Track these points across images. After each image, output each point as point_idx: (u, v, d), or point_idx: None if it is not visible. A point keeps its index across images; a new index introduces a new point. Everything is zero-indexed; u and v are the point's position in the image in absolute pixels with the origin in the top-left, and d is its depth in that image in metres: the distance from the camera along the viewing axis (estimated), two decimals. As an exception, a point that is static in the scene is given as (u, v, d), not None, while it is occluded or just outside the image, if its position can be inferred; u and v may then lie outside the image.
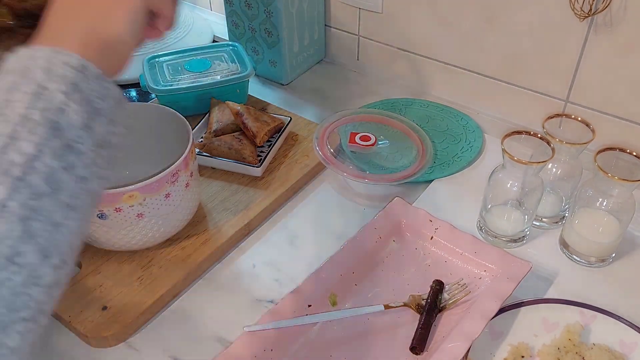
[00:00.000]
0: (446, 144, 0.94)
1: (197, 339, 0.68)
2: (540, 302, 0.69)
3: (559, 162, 0.78)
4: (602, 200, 0.73)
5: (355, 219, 0.80)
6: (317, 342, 0.66)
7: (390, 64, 1.08)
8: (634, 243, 0.78)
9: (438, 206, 0.82)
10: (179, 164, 0.69)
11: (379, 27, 1.05)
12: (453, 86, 1.02)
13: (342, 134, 0.91)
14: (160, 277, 0.72)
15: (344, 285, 0.71)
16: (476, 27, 0.94)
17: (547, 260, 0.76)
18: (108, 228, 0.69)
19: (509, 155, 0.70)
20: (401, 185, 0.86)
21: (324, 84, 1.10)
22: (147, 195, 0.67)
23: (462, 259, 0.74)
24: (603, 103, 0.88)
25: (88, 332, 0.66)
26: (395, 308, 0.69)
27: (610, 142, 0.76)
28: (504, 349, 0.66)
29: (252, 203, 0.82)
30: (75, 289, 0.70)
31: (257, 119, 0.90)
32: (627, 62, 0.82)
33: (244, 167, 0.85)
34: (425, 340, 0.65)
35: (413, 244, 0.77)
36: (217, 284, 0.74)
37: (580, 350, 0.64)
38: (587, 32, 0.84)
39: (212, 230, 0.78)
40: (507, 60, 0.94)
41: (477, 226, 0.80)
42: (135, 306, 0.69)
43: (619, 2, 0.79)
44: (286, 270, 0.75)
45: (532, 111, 0.95)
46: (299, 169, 0.87)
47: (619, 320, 0.67)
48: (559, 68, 0.89)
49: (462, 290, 0.70)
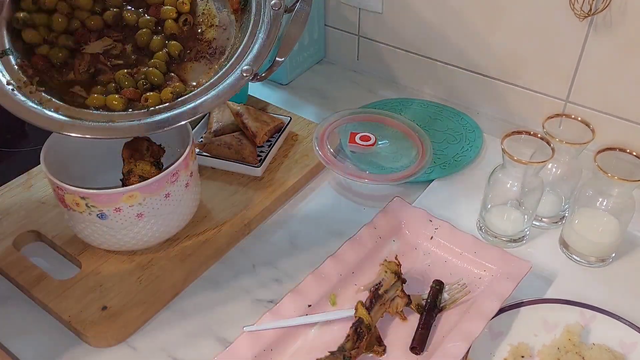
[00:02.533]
0: (446, 144, 0.94)
1: (197, 339, 0.68)
2: (540, 302, 0.69)
3: (559, 162, 0.78)
4: (602, 200, 0.73)
5: (355, 219, 0.80)
6: (317, 342, 0.66)
7: (390, 64, 1.08)
8: (634, 243, 0.78)
9: (438, 206, 0.82)
10: (179, 164, 0.69)
11: (379, 27, 1.05)
12: (453, 86, 1.02)
13: (342, 134, 0.91)
14: (160, 277, 0.72)
15: (344, 285, 0.71)
16: (476, 27, 0.94)
17: (547, 260, 0.76)
18: (108, 228, 0.69)
19: (509, 155, 0.70)
20: (401, 185, 0.86)
21: (324, 84, 1.10)
22: (147, 195, 0.67)
23: (462, 259, 0.74)
24: (603, 103, 0.88)
25: (88, 332, 0.66)
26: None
27: (610, 142, 0.76)
28: (504, 349, 0.66)
29: (252, 203, 0.82)
30: (75, 289, 0.70)
31: (257, 118, 0.90)
32: (627, 62, 0.82)
33: (244, 167, 0.85)
34: (425, 340, 0.65)
35: (413, 244, 0.77)
36: (217, 284, 0.74)
37: (580, 350, 0.64)
38: (587, 32, 0.84)
39: (212, 230, 0.78)
40: (507, 60, 0.94)
41: (477, 226, 0.80)
42: (135, 306, 0.69)
43: (619, 2, 0.79)
44: (286, 270, 0.75)
45: (532, 111, 0.95)
46: (299, 169, 0.87)
47: (619, 320, 0.67)
48: (559, 68, 0.89)
49: (462, 290, 0.70)
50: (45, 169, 0.68)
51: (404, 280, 0.69)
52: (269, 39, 0.69)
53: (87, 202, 0.66)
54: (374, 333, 0.64)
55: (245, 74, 0.68)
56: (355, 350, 0.62)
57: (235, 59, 0.70)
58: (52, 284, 0.71)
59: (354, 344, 0.62)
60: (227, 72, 0.69)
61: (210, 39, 0.72)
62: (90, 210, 0.67)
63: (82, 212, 0.67)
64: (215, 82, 0.69)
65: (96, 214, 0.67)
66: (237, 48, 0.70)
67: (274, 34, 0.69)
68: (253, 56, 0.69)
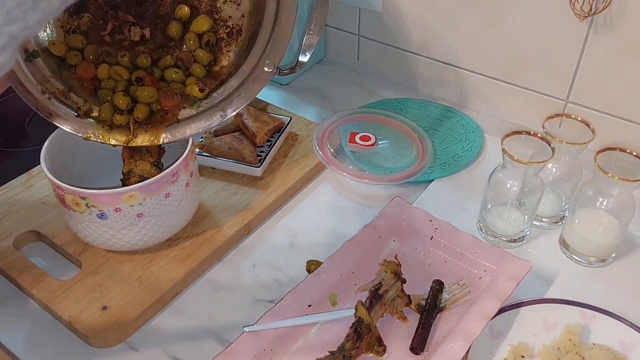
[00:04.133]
0: (446, 144, 0.94)
1: (197, 339, 0.68)
2: (540, 302, 0.69)
3: (559, 162, 0.78)
4: (602, 200, 0.73)
5: (355, 219, 0.80)
6: (317, 342, 0.66)
7: (390, 64, 1.08)
8: (634, 243, 0.78)
9: (438, 206, 0.82)
10: (179, 164, 0.69)
11: (379, 27, 1.05)
12: (453, 86, 1.02)
13: (342, 134, 0.91)
14: (160, 277, 0.72)
15: (344, 285, 0.71)
16: (476, 27, 0.94)
17: (547, 260, 0.76)
18: (108, 228, 0.69)
19: (509, 155, 0.70)
20: (401, 185, 0.86)
21: (324, 84, 1.10)
22: (147, 195, 0.67)
23: (462, 259, 0.74)
24: (603, 103, 0.88)
25: (88, 332, 0.66)
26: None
27: (610, 142, 0.76)
28: (504, 349, 0.66)
29: (252, 203, 0.82)
30: (75, 289, 0.70)
31: (257, 118, 0.90)
32: (627, 62, 0.82)
33: (244, 167, 0.85)
34: (425, 340, 0.65)
35: (413, 244, 0.77)
36: (217, 284, 0.74)
37: (580, 350, 0.64)
38: (587, 32, 0.84)
39: (212, 230, 0.78)
40: (507, 60, 0.94)
41: (477, 226, 0.80)
42: (135, 306, 0.69)
43: (619, 2, 0.79)
44: (286, 270, 0.75)
45: (532, 111, 0.95)
46: (299, 169, 0.87)
47: (619, 320, 0.67)
48: (559, 68, 0.89)
49: (462, 290, 0.70)
50: (45, 169, 0.68)
51: (404, 280, 0.69)
52: (287, 27, 0.68)
53: (87, 202, 0.66)
54: (374, 333, 0.64)
55: (268, 69, 0.69)
56: (355, 350, 0.62)
57: (254, 51, 0.70)
58: (52, 284, 0.71)
59: (354, 344, 0.63)
60: (248, 67, 0.70)
61: (225, 17, 0.71)
62: (91, 211, 0.67)
63: (82, 212, 0.67)
64: (237, 80, 0.70)
65: (96, 214, 0.67)
66: (255, 33, 0.70)
67: (292, 19, 0.68)
68: (274, 50, 0.69)
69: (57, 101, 0.68)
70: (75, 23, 0.68)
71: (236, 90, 0.70)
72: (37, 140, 0.67)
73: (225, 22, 0.71)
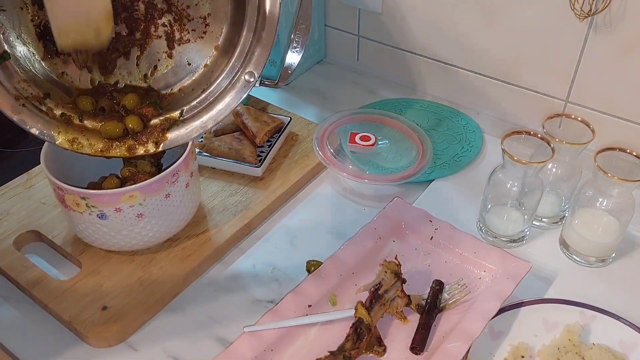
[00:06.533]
0: (446, 144, 0.94)
1: (197, 339, 0.68)
2: (540, 302, 0.69)
3: (559, 162, 0.78)
4: (602, 200, 0.73)
5: (355, 219, 0.80)
6: (317, 342, 0.66)
7: (390, 64, 1.08)
8: (634, 243, 0.78)
9: (438, 206, 0.82)
10: (179, 164, 0.69)
11: (379, 27, 1.05)
12: (453, 86, 1.02)
13: (342, 134, 0.91)
14: (160, 277, 0.72)
15: (344, 285, 0.71)
16: (476, 27, 0.94)
17: (547, 260, 0.76)
18: (108, 228, 0.69)
19: (509, 155, 0.70)
20: (401, 185, 0.86)
21: (323, 84, 1.10)
22: (147, 196, 0.67)
23: (462, 259, 0.74)
24: (603, 103, 0.88)
25: (88, 332, 0.66)
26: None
27: (610, 142, 0.76)
28: (504, 349, 0.66)
29: (252, 203, 0.82)
30: (75, 289, 0.70)
31: (257, 119, 0.90)
32: (627, 62, 0.82)
33: (244, 167, 0.85)
34: (425, 340, 0.65)
35: (413, 244, 0.77)
36: (217, 284, 0.74)
37: (580, 350, 0.64)
38: (587, 32, 0.84)
39: (212, 230, 0.78)
40: (507, 60, 0.94)
41: (477, 226, 0.80)
42: (135, 306, 0.69)
43: (619, 2, 0.79)
44: (286, 270, 0.75)
45: (532, 111, 0.95)
46: (299, 169, 0.87)
47: (619, 320, 0.67)
48: (559, 68, 0.89)
49: (462, 290, 0.70)
50: (45, 169, 0.68)
51: (404, 280, 0.69)
52: (268, 37, 0.68)
53: (87, 203, 0.66)
54: (374, 333, 0.64)
55: (248, 78, 0.69)
56: (355, 350, 0.62)
57: (235, 59, 0.70)
58: (52, 284, 0.71)
59: (354, 344, 0.63)
60: (229, 78, 0.70)
61: (204, 14, 0.70)
62: (91, 211, 0.67)
63: (82, 212, 0.67)
64: (219, 91, 0.70)
65: (96, 214, 0.67)
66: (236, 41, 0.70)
67: (273, 31, 0.68)
68: (255, 60, 0.69)
69: (32, 107, 0.66)
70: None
71: (218, 98, 0.70)
72: (37, 140, 0.67)
73: (204, 20, 0.70)
